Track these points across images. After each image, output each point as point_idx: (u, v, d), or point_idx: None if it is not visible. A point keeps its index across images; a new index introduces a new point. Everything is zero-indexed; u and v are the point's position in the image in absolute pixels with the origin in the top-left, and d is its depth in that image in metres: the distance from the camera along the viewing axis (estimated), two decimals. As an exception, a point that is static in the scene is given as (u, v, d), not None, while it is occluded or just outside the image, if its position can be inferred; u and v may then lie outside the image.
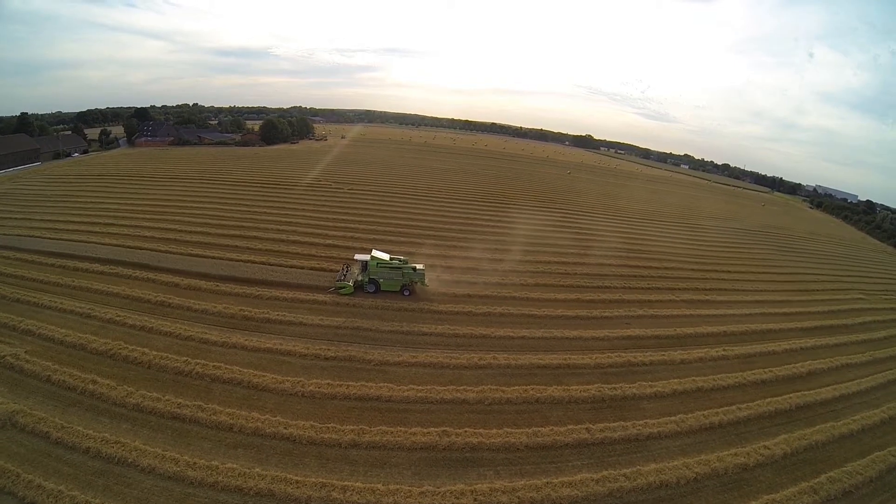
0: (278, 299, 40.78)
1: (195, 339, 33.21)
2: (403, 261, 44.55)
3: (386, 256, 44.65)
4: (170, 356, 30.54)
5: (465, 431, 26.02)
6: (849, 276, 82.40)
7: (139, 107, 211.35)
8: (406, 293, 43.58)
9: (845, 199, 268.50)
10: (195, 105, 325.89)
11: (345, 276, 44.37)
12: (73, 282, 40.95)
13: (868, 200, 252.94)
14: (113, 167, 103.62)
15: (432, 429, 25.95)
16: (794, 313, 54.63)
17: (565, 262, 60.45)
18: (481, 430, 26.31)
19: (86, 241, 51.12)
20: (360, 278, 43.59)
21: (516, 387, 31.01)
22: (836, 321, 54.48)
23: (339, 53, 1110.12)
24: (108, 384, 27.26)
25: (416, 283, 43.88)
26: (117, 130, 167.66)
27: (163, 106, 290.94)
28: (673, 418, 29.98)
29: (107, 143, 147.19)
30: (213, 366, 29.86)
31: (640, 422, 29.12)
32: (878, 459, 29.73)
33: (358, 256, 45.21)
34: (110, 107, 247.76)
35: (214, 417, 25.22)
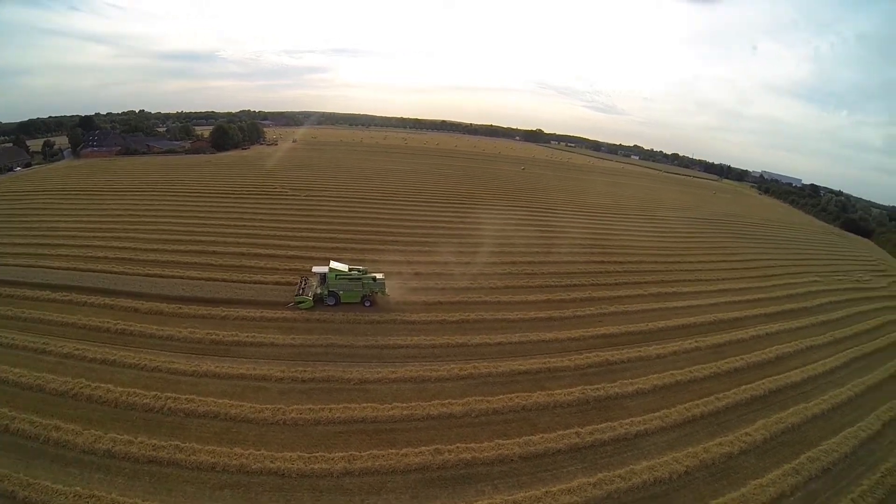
0: (246, 319, 39.88)
1: (162, 369, 31.87)
2: (362, 271, 44.45)
3: (344, 267, 44.45)
4: (137, 391, 29.12)
5: (457, 447, 26.15)
6: (802, 259, 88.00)
7: (84, 115, 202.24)
8: (367, 304, 43.48)
9: (790, 184, 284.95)
10: (142, 112, 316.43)
11: (303, 289, 43.84)
12: (24, 313, 38.58)
13: (812, 184, 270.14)
14: (59, 181, 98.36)
15: (423, 448, 25.94)
16: (757, 300, 57.89)
17: (532, 261, 61.72)
18: (473, 445, 26.52)
19: (34, 266, 48.50)
20: (319, 291, 43.29)
21: (501, 396, 31.43)
22: (795, 305, 58.11)
23: (287, 55, 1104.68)
24: (72, 429, 25.63)
25: (376, 293, 43.99)
26: (61, 141, 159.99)
27: (108, 113, 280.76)
28: (657, 414, 31.37)
29: (51, 154, 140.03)
30: (186, 398, 28.72)
31: (627, 420, 30.25)
32: (850, 436, 32.27)
33: (316, 269, 44.97)
34: (53, 115, 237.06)
35: (194, 457, 24.21)
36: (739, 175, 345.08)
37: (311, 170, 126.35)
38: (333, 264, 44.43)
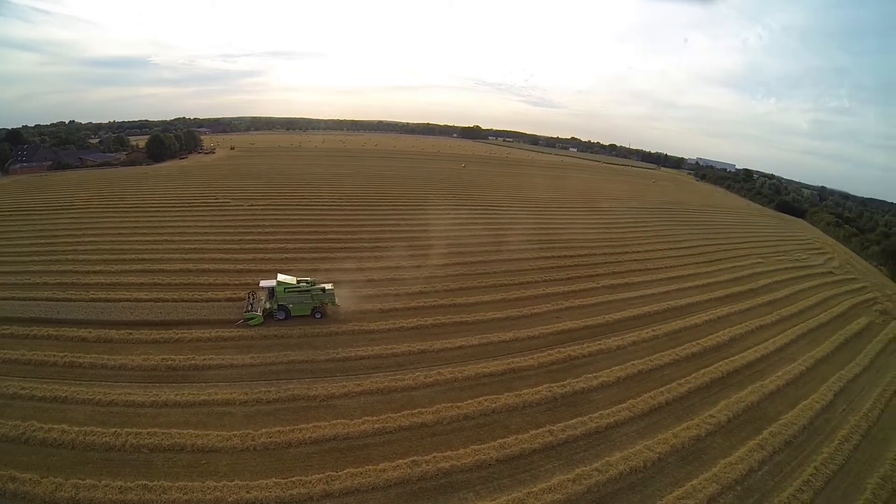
0: (201, 340, 38.95)
1: (119, 402, 30.52)
2: (311, 282, 44.28)
3: (292, 279, 44.25)
4: (95, 430, 27.64)
5: (434, 457, 26.51)
6: (744, 242, 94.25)
7: (10, 128, 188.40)
8: (317, 315, 43.55)
9: (724, 169, 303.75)
10: (72, 122, 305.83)
11: (252, 305, 43.19)
12: (-40, 352, 35.90)
13: (746, 169, 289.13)
14: None
15: (400, 461, 26.16)
16: (705, 285, 61.67)
17: (483, 260, 63.11)
18: (449, 453, 26.98)
19: (-34, 298, 45.12)
20: (268, 306, 43.02)
21: (469, 400, 32.12)
22: (742, 287, 62.44)
23: (221, 59, 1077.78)
24: (30, 479, 24.04)
25: (326, 304, 43.94)
26: None
27: (36, 125, 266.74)
28: (624, 405, 33.03)
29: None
30: (148, 433, 27.55)
31: (596, 414, 31.71)
32: (805, 408, 35.50)
33: (263, 283, 44.44)
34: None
35: (165, 496, 23.16)
36: (676, 163, 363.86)
37: (252, 178, 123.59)
38: (281, 277, 44.18)
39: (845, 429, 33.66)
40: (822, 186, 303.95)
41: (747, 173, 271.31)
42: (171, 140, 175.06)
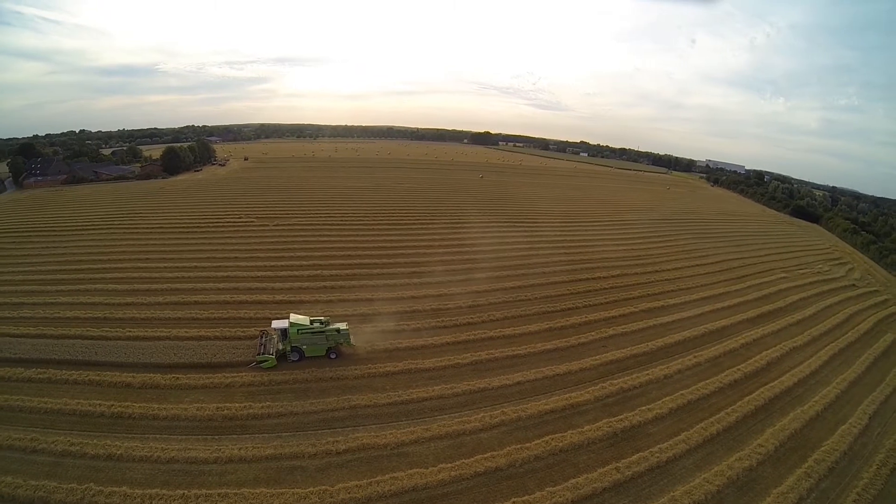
0: (254, 385, 37.65)
1: (179, 459, 28.97)
2: (325, 322, 43.40)
3: (306, 319, 43.12)
4: (160, 492, 25.90)
5: (514, 503, 27.15)
6: (766, 254, 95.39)
7: (22, 138, 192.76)
8: (332, 356, 42.68)
9: (735, 172, 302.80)
10: (82, 131, 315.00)
11: (264, 346, 41.99)
12: (-1, 399, 34.24)
13: (756, 171, 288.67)
14: (5, 219, 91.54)
15: (484, 511, 26.98)
16: (735, 305, 63.12)
17: (521, 284, 63.96)
18: (527, 497, 27.70)
19: (-3, 334, 43.37)
20: (280, 347, 41.73)
21: (537, 440, 33.01)
22: (771, 306, 63.75)
23: (228, 66, 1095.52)
24: None
25: (341, 344, 42.98)
26: (0, 169, 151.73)
27: (47, 135, 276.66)
28: (679, 437, 34.59)
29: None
30: (219, 494, 26.03)
31: (655, 448, 33.16)
32: (845, 433, 37.15)
33: (276, 324, 42.85)
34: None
35: None
36: (687, 165, 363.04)
37: (270, 192, 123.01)
38: (294, 317, 42.87)
39: (882, 453, 35.45)
40: (833, 186, 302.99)
41: (758, 176, 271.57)
42: (186, 152, 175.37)
